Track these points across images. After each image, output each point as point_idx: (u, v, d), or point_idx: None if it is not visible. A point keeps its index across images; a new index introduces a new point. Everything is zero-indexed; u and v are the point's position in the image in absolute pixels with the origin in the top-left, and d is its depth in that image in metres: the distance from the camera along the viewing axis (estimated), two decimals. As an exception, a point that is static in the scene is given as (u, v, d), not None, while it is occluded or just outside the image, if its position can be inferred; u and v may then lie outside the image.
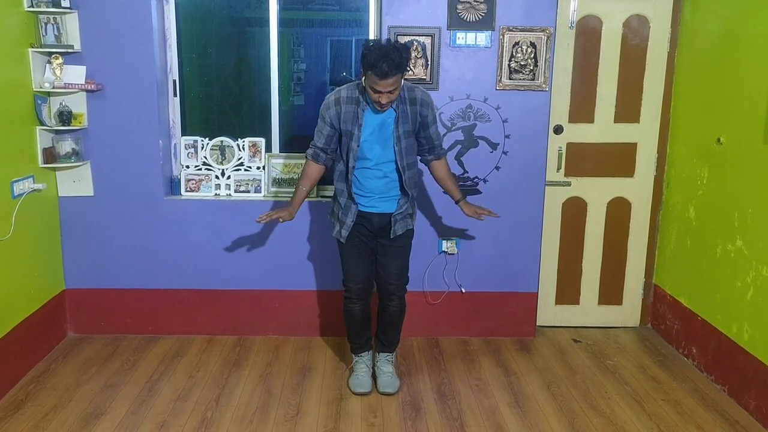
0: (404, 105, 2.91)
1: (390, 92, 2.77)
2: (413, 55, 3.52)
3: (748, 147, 3.11)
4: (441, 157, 3.14)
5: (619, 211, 3.96)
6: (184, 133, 3.83)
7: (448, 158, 3.64)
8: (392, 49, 2.69)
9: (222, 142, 3.74)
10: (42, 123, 3.40)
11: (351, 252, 3.10)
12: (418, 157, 3.13)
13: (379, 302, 3.20)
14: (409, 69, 2.92)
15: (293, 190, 3.73)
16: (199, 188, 3.75)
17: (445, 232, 3.77)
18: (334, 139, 2.99)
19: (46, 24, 3.38)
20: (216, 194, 3.77)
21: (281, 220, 3.02)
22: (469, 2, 3.50)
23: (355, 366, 3.30)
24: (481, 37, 3.56)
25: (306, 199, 3.68)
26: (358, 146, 2.92)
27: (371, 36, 3.73)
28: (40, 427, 2.84)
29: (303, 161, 3.73)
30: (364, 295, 3.17)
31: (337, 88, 2.96)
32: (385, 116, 2.93)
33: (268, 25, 3.72)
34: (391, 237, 3.04)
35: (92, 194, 3.65)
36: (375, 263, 3.16)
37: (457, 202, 3.20)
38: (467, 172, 3.69)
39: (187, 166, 3.75)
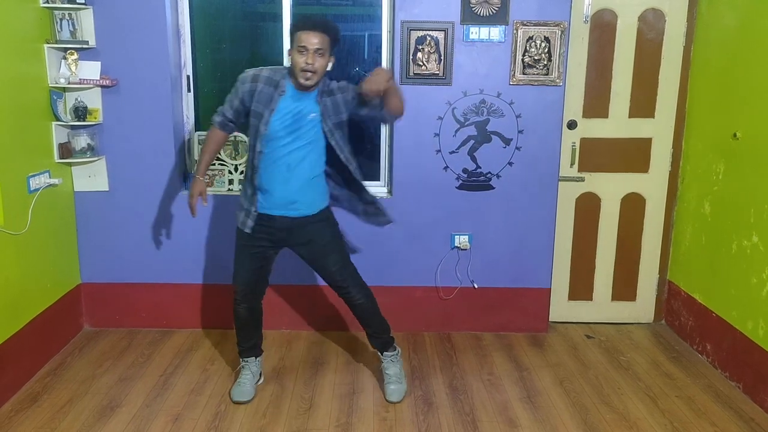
0: (325, 98, 2.77)
1: (317, 52, 2.61)
2: (426, 50, 3.53)
3: (765, 142, 3.08)
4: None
5: (633, 207, 3.93)
6: (197, 128, 3.85)
7: (461, 153, 3.67)
8: (321, 16, 2.67)
9: (235, 137, 3.75)
10: (58, 118, 3.43)
11: (244, 250, 2.93)
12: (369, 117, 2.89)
13: (344, 301, 3.03)
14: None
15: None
16: (212, 183, 3.77)
17: (458, 227, 3.76)
18: (242, 115, 2.85)
19: (61, 20, 3.40)
20: (229, 189, 3.78)
21: (204, 197, 2.93)
22: (482, -4, 3.49)
23: (240, 371, 3.14)
24: (495, 32, 3.54)
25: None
26: (266, 130, 2.73)
27: (384, 31, 3.72)
28: (56, 420, 2.87)
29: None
30: (251, 298, 3.01)
31: (261, 67, 2.82)
32: (302, 107, 2.74)
33: (282, 21, 3.72)
34: (306, 240, 2.89)
35: (107, 189, 3.68)
36: (267, 270, 3.01)
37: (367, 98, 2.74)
38: (480, 168, 3.68)
39: (201, 161, 3.76)
